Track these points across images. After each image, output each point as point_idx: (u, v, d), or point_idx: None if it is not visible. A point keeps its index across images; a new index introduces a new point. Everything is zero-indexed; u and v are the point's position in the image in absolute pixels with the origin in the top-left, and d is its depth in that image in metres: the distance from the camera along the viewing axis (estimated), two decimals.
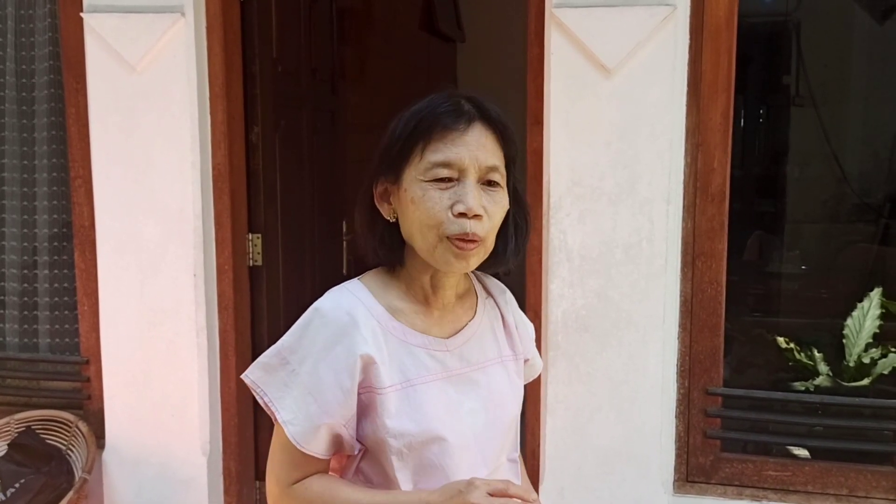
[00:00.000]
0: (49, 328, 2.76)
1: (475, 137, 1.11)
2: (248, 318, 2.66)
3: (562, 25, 2.14)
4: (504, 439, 1.23)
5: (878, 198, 3.36)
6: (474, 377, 1.19)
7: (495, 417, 1.20)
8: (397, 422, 1.10)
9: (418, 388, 1.13)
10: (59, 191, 2.74)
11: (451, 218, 1.09)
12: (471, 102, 1.13)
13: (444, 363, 1.17)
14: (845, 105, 3.55)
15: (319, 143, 3.13)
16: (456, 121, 1.10)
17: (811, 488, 2.23)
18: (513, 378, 1.26)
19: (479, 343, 1.22)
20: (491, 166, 1.11)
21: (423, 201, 1.10)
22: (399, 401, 1.11)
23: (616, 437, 2.22)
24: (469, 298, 1.25)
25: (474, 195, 1.09)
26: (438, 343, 1.17)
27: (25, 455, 2.54)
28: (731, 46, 2.16)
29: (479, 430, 1.18)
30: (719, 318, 2.24)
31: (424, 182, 1.10)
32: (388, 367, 1.11)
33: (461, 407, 1.16)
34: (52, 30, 2.68)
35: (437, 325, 1.19)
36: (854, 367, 2.38)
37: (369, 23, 3.89)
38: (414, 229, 1.12)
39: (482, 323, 1.24)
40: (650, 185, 2.15)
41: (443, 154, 1.10)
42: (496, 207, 1.12)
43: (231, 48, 2.51)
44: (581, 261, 2.20)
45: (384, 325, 1.14)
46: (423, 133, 1.11)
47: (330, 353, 1.10)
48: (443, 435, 1.13)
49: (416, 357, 1.15)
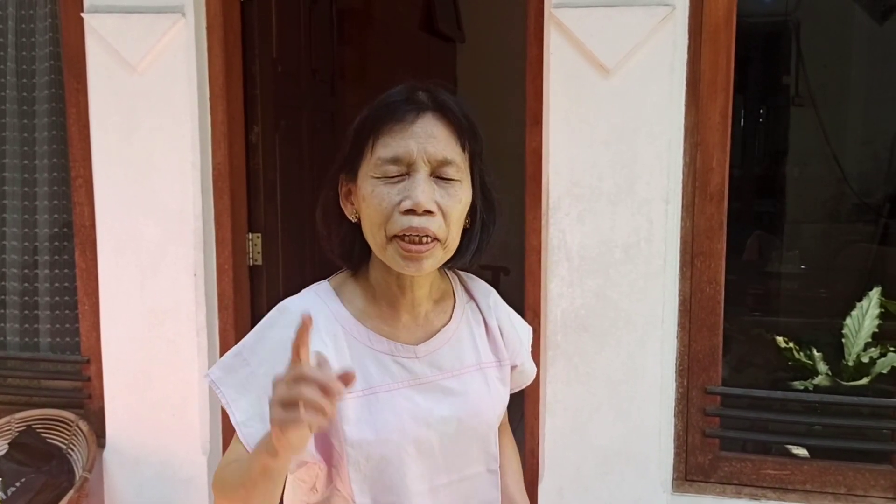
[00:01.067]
0: (50, 327, 2.77)
1: (424, 128, 1.05)
2: (248, 317, 2.66)
3: (561, 25, 2.14)
4: (478, 450, 1.17)
5: (877, 197, 3.36)
6: (446, 385, 1.13)
7: (468, 427, 1.15)
8: (356, 429, 1.06)
9: (381, 397, 1.08)
10: (59, 190, 2.74)
11: (398, 216, 1.03)
12: (426, 92, 1.08)
13: (411, 371, 1.11)
14: (845, 105, 3.55)
15: (319, 143, 3.13)
16: (405, 112, 1.05)
17: (810, 487, 2.23)
18: (493, 386, 1.20)
19: (454, 349, 1.16)
20: (442, 160, 1.05)
21: (371, 198, 1.05)
22: (359, 408, 1.07)
23: (615, 436, 2.23)
24: (445, 302, 1.19)
25: (423, 189, 1.03)
26: (406, 350, 1.12)
27: (26, 454, 2.54)
28: (729, 46, 2.16)
29: (447, 439, 1.12)
30: (718, 317, 2.24)
31: (374, 178, 1.05)
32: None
33: (430, 416, 1.11)
34: (52, 30, 2.68)
35: (406, 331, 1.13)
36: (853, 367, 2.38)
37: (369, 23, 3.90)
38: (367, 228, 1.08)
39: (459, 328, 1.18)
40: (649, 184, 2.16)
41: (391, 149, 1.04)
42: (452, 202, 1.05)
43: (231, 49, 2.51)
44: (580, 260, 2.20)
45: (349, 330, 1.10)
46: (371, 126, 1.06)
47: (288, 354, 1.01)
48: (403, 445, 1.08)
49: (382, 364, 1.10)
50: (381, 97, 1.09)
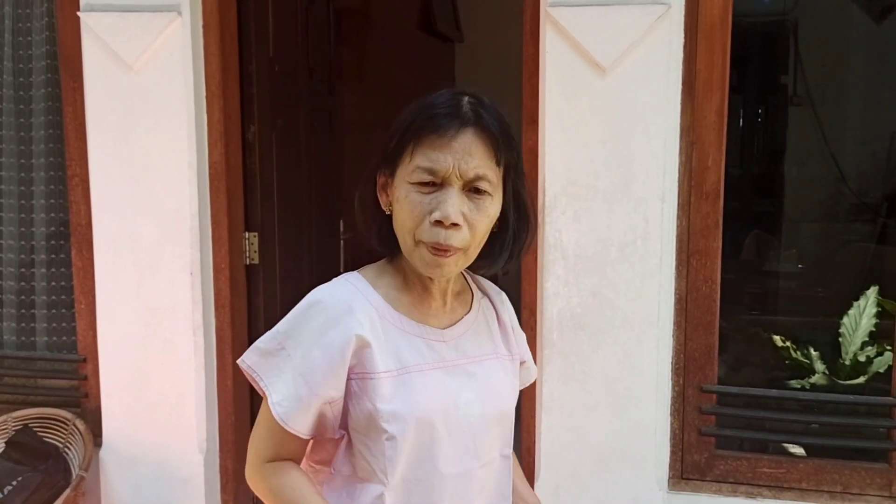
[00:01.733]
0: (46, 326, 2.77)
1: (463, 145, 1.09)
2: (244, 316, 2.66)
3: (557, 24, 2.14)
4: (497, 434, 1.23)
5: (875, 197, 3.37)
6: (470, 369, 1.20)
7: (490, 410, 1.20)
8: (391, 405, 1.11)
9: (414, 376, 1.14)
10: (56, 190, 2.74)
11: (428, 225, 1.09)
12: (471, 105, 1.12)
13: (440, 353, 1.18)
14: (842, 104, 3.56)
15: (316, 142, 3.13)
16: (448, 125, 1.09)
17: (805, 485, 2.23)
18: (509, 375, 1.26)
19: (474, 337, 1.23)
20: (474, 177, 1.10)
21: (405, 203, 1.11)
22: (394, 387, 1.12)
23: (611, 434, 2.23)
24: (465, 294, 1.26)
25: (453, 202, 1.08)
26: (435, 333, 1.18)
27: (22, 453, 2.54)
28: (725, 45, 2.16)
29: (473, 421, 1.18)
30: (714, 315, 2.24)
31: (409, 184, 1.10)
32: (383, 354, 1.12)
33: (457, 397, 1.16)
34: (48, 29, 2.68)
35: (434, 317, 1.20)
36: (850, 365, 2.39)
37: (367, 23, 3.90)
38: (398, 227, 1.14)
39: (477, 318, 1.25)
40: (645, 183, 2.16)
41: (428, 160, 1.09)
42: (480, 216, 1.11)
43: (228, 47, 2.51)
44: (576, 259, 2.20)
45: (381, 313, 1.15)
46: (414, 134, 1.10)
47: (324, 338, 1.11)
48: (436, 422, 1.13)
49: (413, 346, 1.16)
50: (426, 101, 1.13)
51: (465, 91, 1.14)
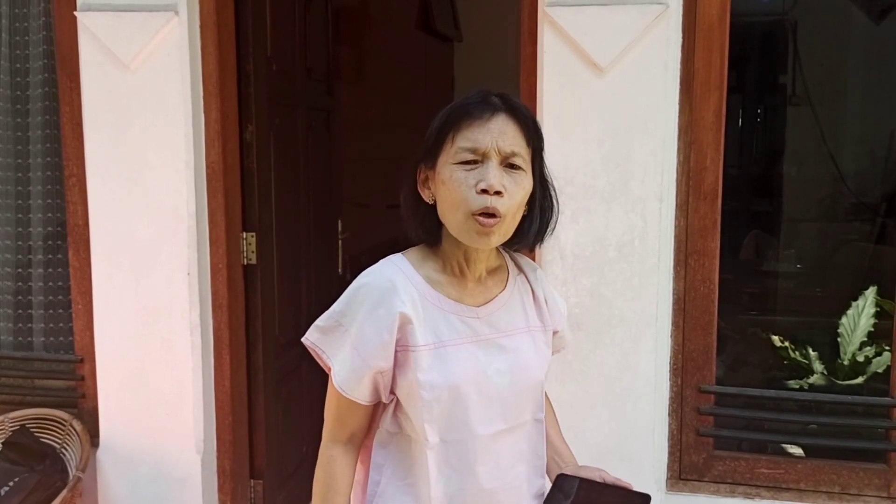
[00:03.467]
0: (43, 327, 2.76)
1: (498, 125, 1.24)
2: (242, 316, 2.66)
3: (554, 24, 2.14)
4: (527, 400, 1.35)
5: (873, 196, 3.36)
6: (502, 342, 1.32)
7: (519, 380, 1.32)
8: (429, 375, 1.25)
9: (449, 349, 1.27)
10: (53, 189, 2.73)
11: (475, 195, 1.22)
12: (499, 97, 1.28)
13: (474, 329, 1.31)
14: (841, 104, 3.55)
15: (314, 142, 3.13)
16: (482, 111, 1.25)
17: (804, 486, 2.23)
18: (539, 346, 1.38)
19: (507, 313, 1.35)
20: (510, 152, 1.24)
21: (451, 181, 1.24)
22: (431, 358, 1.26)
23: (609, 434, 2.22)
24: (500, 273, 1.38)
25: (495, 174, 1.23)
26: (470, 311, 1.31)
27: (19, 454, 2.54)
28: (723, 44, 2.16)
29: (503, 390, 1.30)
30: (712, 315, 2.24)
31: (453, 165, 1.25)
32: (423, 329, 1.26)
33: (488, 367, 1.29)
34: (45, 28, 2.67)
35: (470, 296, 1.33)
36: (848, 366, 2.39)
37: (365, 22, 3.90)
38: (445, 208, 1.26)
39: (512, 295, 1.37)
40: (643, 183, 2.15)
41: (469, 140, 1.24)
42: (517, 188, 1.25)
43: (225, 47, 2.51)
44: (574, 259, 2.20)
45: (422, 292, 1.29)
46: (453, 123, 1.26)
47: (373, 314, 1.25)
48: (468, 390, 1.27)
49: (450, 322, 1.29)
50: (460, 100, 1.29)
51: (492, 90, 1.30)
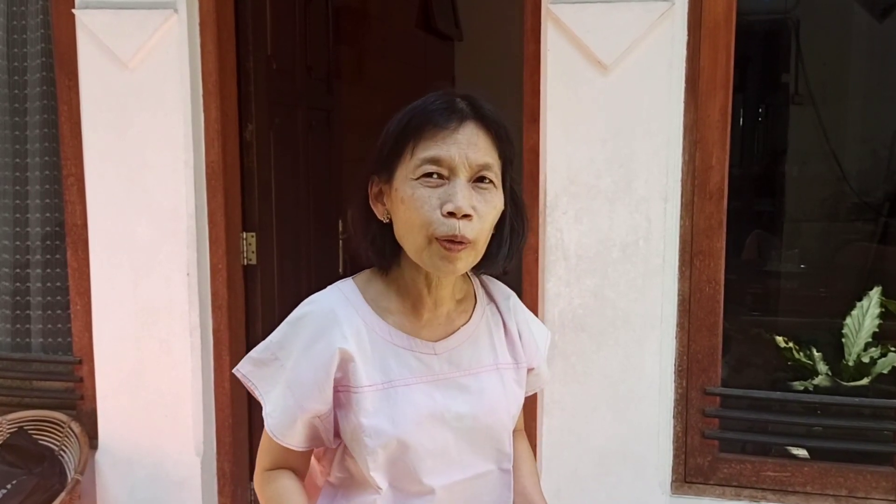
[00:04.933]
0: (41, 328, 2.74)
1: (466, 136, 1.08)
2: (242, 317, 2.64)
3: (558, 21, 2.12)
4: (492, 448, 1.20)
5: (877, 196, 3.34)
6: (463, 382, 1.17)
7: (483, 425, 1.17)
8: (374, 420, 1.10)
9: (399, 390, 1.12)
10: (51, 189, 2.71)
11: (441, 218, 1.06)
12: (466, 101, 1.11)
13: (430, 366, 1.15)
14: (844, 103, 3.53)
15: (315, 141, 3.11)
16: (447, 119, 1.08)
17: (810, 489, 2.21)
18: (509, 386, 1.22)
19: (472, 348, 1.19)
20: (482, 164, 1.08)
21: (412, 200, 1.07)
22: (378, 401, 1.11)
23: (613, 437, 2.20)
24: (467, 302, 1.22)
25: (464, 194, 1.06)
26: (425, 346, 1.16)
27: (17, 456, 2.51)
28: (729, 43, 2.14)
29: (462, 436, 1.16)
30: (717, 317, 2.22)
31: (414, 181, 1.08)
32: (368, 367, 1.11)
33: (446, 411, 1.14)
34: (44, 27, 2.65)
35: (427, 328, 1.17)
36: (853, 367, 2.36)
37: (366, 21, 3.88)
38: (404, 230, 1.10)
39: (478, 328, 1.21)
40: (647, 182, 2.13)
41: (432, 151, 1.07)
42: (487, 207, 1.09)
43: (224, 45, 2.49)
44: (577, 259, 2.18)
45: (370, 324, 1.14)
46: (413, 131, 1.08)
47: (310, 350, 1.11)
48: (418, 438, 1.12)
49: (401, 359, 1.14)
50: (419, 103, 1.11)
51: (456, 92, 1.13)
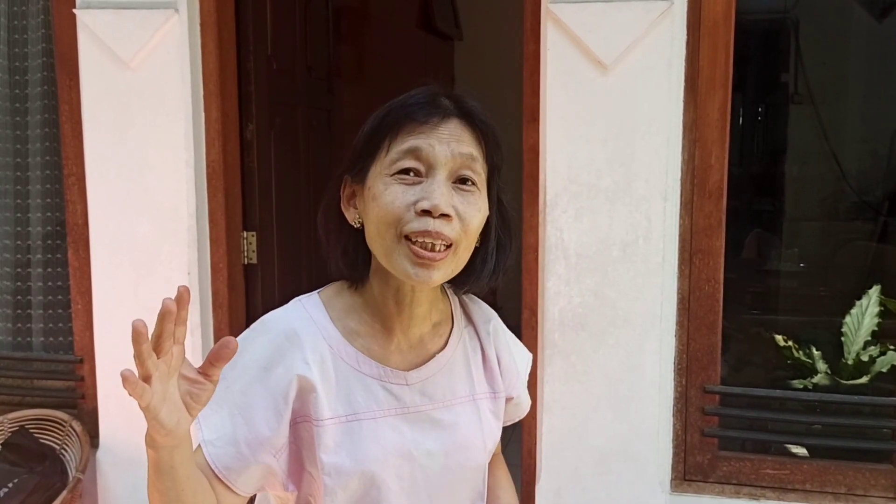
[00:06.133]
0: (43, 327, 2.74)
1: (449, 130, 0.97)
2: (242, 316, 2.64)
3: (558, 21, 2.12)
4: (465, 488, 1.10)
5: (876, 195, 3.35)
6: (436, 416, 1.05)
7: (455, 463, 1.06)
8: (334, 458, 0.98)
9: (364, 424, 1.00)
10: (52, 189, 2.72)
11: (412, 216, 0.94)
12: (449, 98, 1.01)
13: (400, 398, 1.03)
14: (844, 103, 3.54)
15: (315, 140, 3.11)
16: (428, 114, 0.97)
17: (809, 487, 2.22)
18: (485, 419, 1.11)
19: (446, 378, 1.08)
20: (466, 154, 0.97)
21: (383, 195, 0.96)
22: (340, 435, 0.99)
23: (613, 435, 2.21)
24: (443, 326, 1.10)
25: (442, 192, 0.95)
26: (396, 375, 1.04)
27: (19, 455, 2.52)
28: (728, 42, 2.14)
29: (433, 475, 1.05)
30: (717, 315, 2.22)
31: (388, 177, 0.97)
32: (332, 397, 0.99)
33: (416, 448, 1.03)
34: (45, 26, 2.66)
35: (398, 354, 1.05)
36: (853, 365, 2.37)
37: (366, 21, 3.88)
38: (373, 230, 0.99)
39: (455, 355, 1.10)
40: (647, 182, 2.14)
41: (409, 143, 0.96)
42: (470, 209, 0.97)
43: (225, 45, 2.49)
44: (577, 258, 2.18)
45: (336, 350, 1.02)
46: (390, 126, 0.98)
47: (268, 373, 0.98)
48: (385, 477, 1.00)
49: (369, 389, 1.02)
50: (399, 98, 1.01)
51: (440, 88, 1.03)
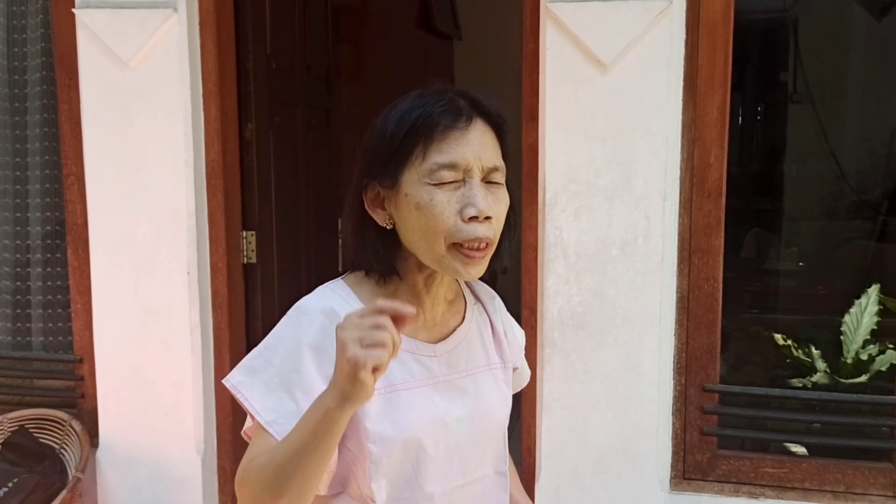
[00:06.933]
0: (42, 327, 2.75)
1: (477, 136, 1.07)
2: (242, 316, 2.64)
3: (557, 20, 2.12)
4: (489, 451, 1.19)
5: (875, 194, 3.35)
6: (461, 384, 1.15)
7: (481, 427, 1.16)
8: (379, 426, 1.06)
9: (402, 394, 1.09)
10: (51, 189, 2.72)
11: (462, 224, 1.04)
12: (465, 99, 1.09)
13: (430, 369, 1.13)
14: (843, 102, 3.54)
15: (314, 140, 3.11)
16: (456, 119, 1.05)
17: (808, 485, 2.22)
18: (501, 386, 1.22)
19: (466, 349, 1.18)
20: (493, 167, 1.07)
21: (430, 206, 1.04)
22: (381, 405, 1.07)
23: (612, 434, 2.21)
24: (458, 303, 1.21)
25: (483, 196, 1.05)
26: (426, 348, 1.13)
27: (18, 454, 2.52)
28: (727, 41, 2.14)
29: (463, 440, 1.14)
30: (716, 314, 2.22)
31: (430, 185, 1.04)
32: None
33: (448, 415, 1.12)
34: (43, 26, 2.66)
35: (425, 330, 1.15)
36: (852, 364, 2.37)
37: (365, 20, 3.87)
38: (418, 237, 1.06)
39: (471, 329, 1.20)
40: (646, 181, 2.14)
41: (448, 155, 1.04)
42: (500, 207, 1.08)
43: (224, 44, 2.49)
44: (577, 258, 2.18)
45: None
46: (422, 133, 1.05)
47: (315, 351, 1.05)
48: (424, 442, 1.09)
49: (402, 362, 1.10)
50: (415, 103, 1.08)
51: (451, 89, 1.11)
